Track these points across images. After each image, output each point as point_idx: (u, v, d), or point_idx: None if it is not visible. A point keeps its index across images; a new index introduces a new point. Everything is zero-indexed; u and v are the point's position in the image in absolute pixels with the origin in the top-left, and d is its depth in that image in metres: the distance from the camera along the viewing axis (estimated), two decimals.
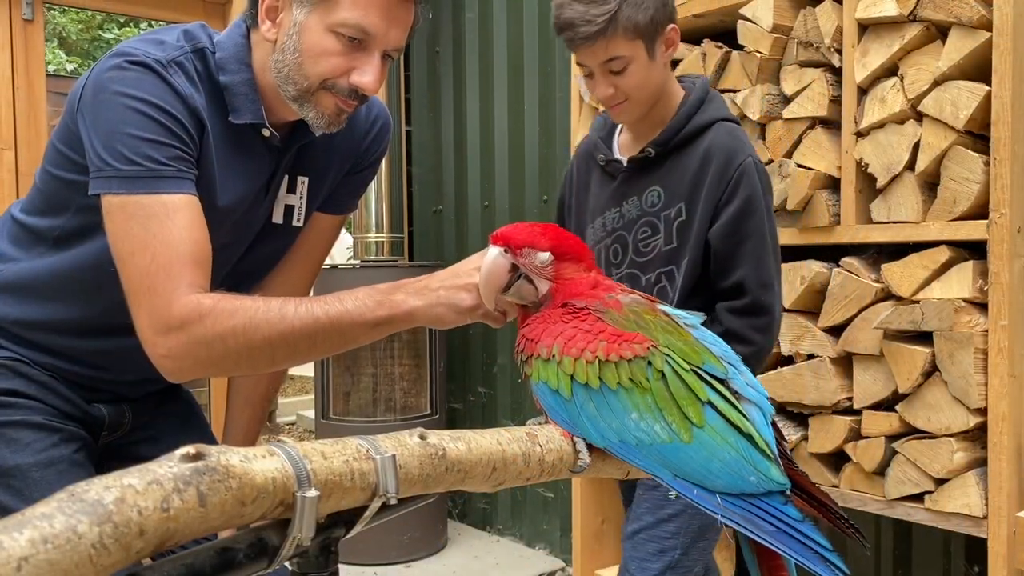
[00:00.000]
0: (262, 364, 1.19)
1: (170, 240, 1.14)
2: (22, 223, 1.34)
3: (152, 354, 1.17)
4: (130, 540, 0.56)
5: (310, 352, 1.20)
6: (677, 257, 1.67)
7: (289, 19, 1.24)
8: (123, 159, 1.15)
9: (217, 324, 1.13)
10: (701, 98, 1.71)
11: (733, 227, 1.62)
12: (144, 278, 1.14)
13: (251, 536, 0.68)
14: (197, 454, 0.62)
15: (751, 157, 1.65)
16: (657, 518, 1.73)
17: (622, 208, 1.73)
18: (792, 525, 0.93)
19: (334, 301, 1.16)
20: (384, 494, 0.75)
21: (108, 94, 1.18)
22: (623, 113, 1.68)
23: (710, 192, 1.64)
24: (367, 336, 1.20)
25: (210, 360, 1.16)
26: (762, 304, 1.63)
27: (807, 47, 2.16)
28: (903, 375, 2.01)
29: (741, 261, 1.62)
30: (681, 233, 1.67)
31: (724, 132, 1.69)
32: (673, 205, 1.68)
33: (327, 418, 3.62)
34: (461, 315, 1.16)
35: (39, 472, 1.27)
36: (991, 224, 1.88)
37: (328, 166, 1.44)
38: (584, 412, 0.99)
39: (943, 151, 1.95)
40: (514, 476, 0.92)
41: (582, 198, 1.83)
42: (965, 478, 1.95)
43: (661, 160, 1.70)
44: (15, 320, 1.33)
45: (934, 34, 1.98)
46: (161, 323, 1.14)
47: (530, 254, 1.08)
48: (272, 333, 1.14)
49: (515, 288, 1.10)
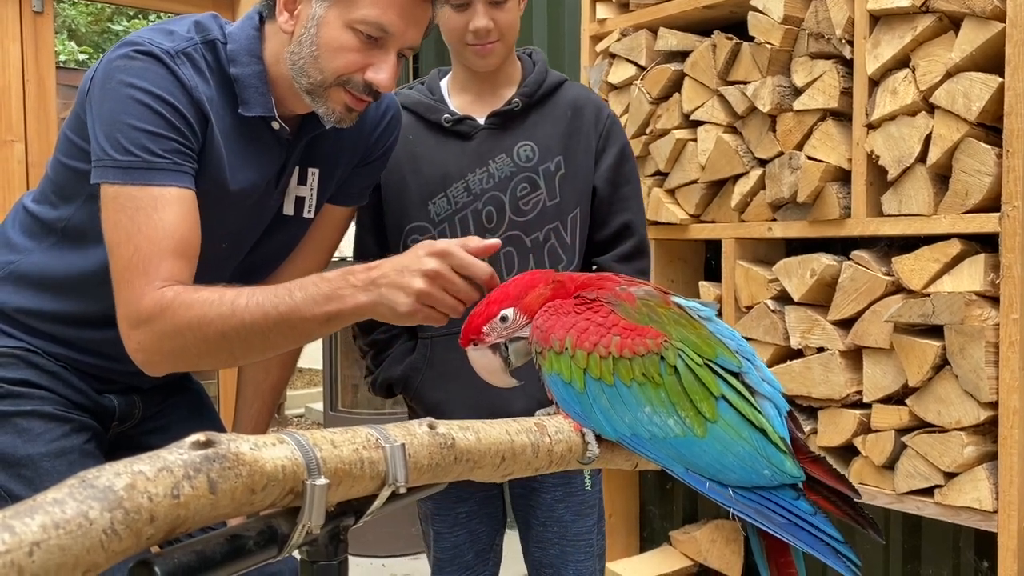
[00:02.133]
0: (222, 358, 1.19)
1: (154, 234, 1.15)
2: (33, 213, 1.35)
3: (127, 348, 1.18)
4: (141, 526, 0.56)
5: (265, 347, 1.19)
6: (563, 212, 1.63)
7: (308, 12, 1.24)
8: (121, 149, 1.16)
9: (175, 317, 1.13)
10: (545, 61, 1.73)
11: (614, 172, 1.66)
12: (124, 271, 1.16)
13: (261, 524, 0.68)
14: (207, 441, 0.62)
15: (610, 109, 1.74)
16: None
17: (489, 167, 1.63)
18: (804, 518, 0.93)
19: (284, 294, 1.15)
20: (393, 483, 0.75)
21: (114, 83, 1.18)
22: (492, 54, 1.59)
23: (586, 142, 1.65)
24: (320, 330, 1.18)
25: (174, 353, 1.16)
26: (645, 245, 1.69)
27: (818, 38, 2.15)
28: (913, 369, 2.00)
29: (626, 204, 1.67)
30: (563, 187, 1.63)
31: (579, 87, 1.74)
32: (550, 159, 1.63)
33: (336, 410, 3.63)
34: (399, 319, 1.15)
35: (50, 462, 1.28)
36: (1003, 217, 1.86)
37: (338, 158, 1.44)
38: (597, 405, 0.99)
39: (955, 143, 1.94)
40: (523, 466, 0.92)
41: (413, 168, 1.65)
42: (975, 472, 1.95)
43: (523, 115, 1.65)
44: (28, 310, 1.33)
45: (947, 25, 1.96)
46: (133, 316, 1.15)
47: (492, 328, 1.07)
48: (225, 327, 1.13)
49: (513, 355, 1.09)
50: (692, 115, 2.45)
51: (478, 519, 1.72)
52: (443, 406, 1.59)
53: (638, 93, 2.56)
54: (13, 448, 1.28)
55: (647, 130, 2.56)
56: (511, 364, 1.09)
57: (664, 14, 2.52)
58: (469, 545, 1.72)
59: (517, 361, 1.09)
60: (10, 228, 1.38)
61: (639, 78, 2.58)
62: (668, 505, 3.02)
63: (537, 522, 1.71)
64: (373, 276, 1.14)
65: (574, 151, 1.64)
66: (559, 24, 3.36)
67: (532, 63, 1.70)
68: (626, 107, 2.61)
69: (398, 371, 1.65)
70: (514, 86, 1.67)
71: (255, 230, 1.39)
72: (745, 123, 2.33)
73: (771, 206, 2.29)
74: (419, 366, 1.63)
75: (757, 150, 2.30)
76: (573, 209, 1.63)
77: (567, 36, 3.30)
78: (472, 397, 1.56)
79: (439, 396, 1.61)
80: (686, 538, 2.75)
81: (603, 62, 2.72)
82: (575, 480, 1.68)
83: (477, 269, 1.13)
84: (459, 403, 1.58)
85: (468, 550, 1.72)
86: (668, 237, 2.59)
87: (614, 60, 2.68)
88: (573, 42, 3.14)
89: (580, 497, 1.69)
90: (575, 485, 1.68)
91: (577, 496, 1.69)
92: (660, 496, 3.03)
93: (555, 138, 1.64)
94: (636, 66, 2.61)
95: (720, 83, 2.36)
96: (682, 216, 2.51)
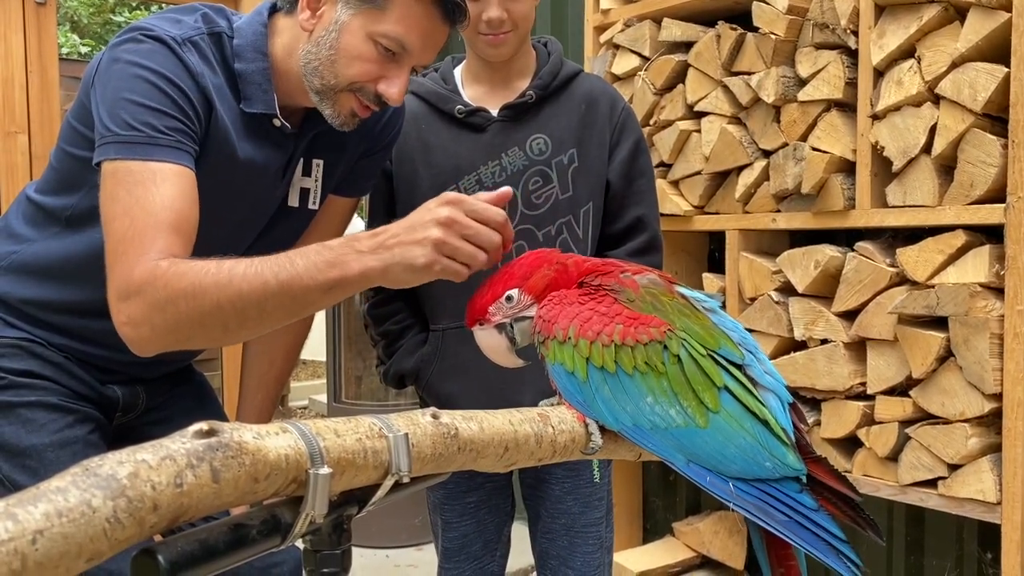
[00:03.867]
0: (215, 331, 1.12)
1: (151, 207, 1.11)
2: (37, 203, 1.35)
3: (116, 323, 1.12)
4: (144, 515, 0.56)
5: (262, 319, 1.12)
6: (575, 205, 1.62)
7: (331, 15, 1.24)
8: (123, 124, 1.15)
9: (168, 287, 1.07)
10: (561, 51, 1.71)
11: (628, 166, 1.65)
12: (119, 243, 1.11)
13: (264, 513, 0.68)
14: (210, 430, 0.62)
15: (625, 101, 1.71)
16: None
17: (502, 161, 1.61)
18: (805, 514, 0.93)
19: (285, 262, 1.10)
20: (397, 472, 0.75)
21: (120, 64, 1.18)
22: (505, 44, 1.57)
23: (600, 135, 1.63)
24: (322, 300, 1.13)
25: (166, 327, 1.10)
26: (658, 239, 1.68)
27: (823, 29, 2.14)
28: (917, 360, 2.00)
29: (639, 198, 1.66)
30: (576, 180, 1.62)
31: (595, 79, 1.71)
32: (564, 152, 1.62)
33: (339, 402, 3.64)
34: (417, 274, 1.09)
35: (54, 452, 1.28)
36: (1008, 208, 1.86)
37: (343, 149, 1.44)
38: (599, 395, 0.98)
39: (960, 134, 1.93)
40: (526, 456, 0.92)
41: (425, 159, 1.65)
42: (979, 464, 1.94)
43: (537, 108, 1.63)
44: (31, 301, 1.34)
45: (952, 15, 1.95)
46: (123, 288, 1.10)
47: (498, 308, 1.07)
48: (220, 297, 1.08)
49: (518, 334, 1.08)
50: (696, 106, 2.44)
51: (486, 509, 1.73)
52: (454, 399, 1.59)
53: (642, 84, 2.55)
54: (17, 438, 1.28)
55: (651, 121, 2.56)
56: (516, 344, 1.09)
57: (668, 4, 2.51)
58: (477, 535, 1.73)
59: (522, 341, 1.09)
60: (13, 219, 1.38)
61: (643, 69, 2.57)
62: (671, 496, 3.02)
63: (546, 513, 1.71)
64: (380, 240, 1.10)
65: (588, 144, 1.63)
66: (563, 14, 3.34)
67: (548, 53, 1.69)
68: (630, 98, 2.60)
69: (410, 363, 1.65)
70: (528, 77, 1.65)
71: (259, 220, 1.39)
72: (749, 114, 2.32)
73: (775, 197, 2.28)
74: (431, 358, 1.63)
75: (761, 141, 2.30)
76: (586, 203, 1.62)
77: (571, 26, 3.29)
78: (484, 390, 1.56)
79: (451, 388, 1.61)
80: (689, 529, 2.75)
81: (607, 53, 2.71)
82: (584, 472, 1.68)
83: (491, 213, 1.09)
84: (470, 396, 1.57)
85: (476, 540, 1.73)
86: (672, 229, 2.58)
87: (618, 51, 2.67)
88: (577, 32, 3.13)
89: (589, 489, 1.69)
90: (584, 477, 1.68)
91: (586, 488, 1.69)
92: (663, 487, 3.04)
93: (569, 131, 1.63)
94: (640, 57, 2.60)
95: (724, 74, 2.35)
96: (686, 207, 2.51)
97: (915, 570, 2.43)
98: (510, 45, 1.58)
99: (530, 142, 1.62)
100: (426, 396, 1.67)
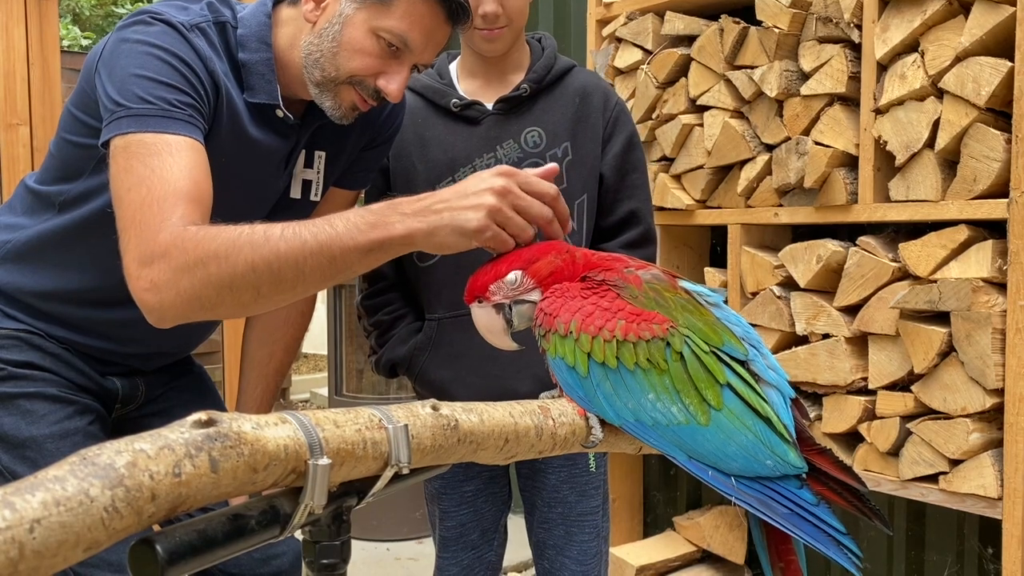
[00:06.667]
0: (246, 294, 1.08)
1: (169, 177, 1.09)
2: (34, 191, 1.35)
3: (135, 289, 1.08)
4: (142, 504, 0.56)
5: (297, 281, 1.08)
6: (570, 198, 1.62)
7: (336, 8, 1.24)
8: (136, 99, 1.14)
9: (200, 247, 1.04)
10: (555, 46, 1.72)
11: (621, 160, 1.66)
12: (136, 212, 1.08)
13: (263, 504, 0.68)
14: (209, 420, 0.62)
15: (619, 96, 1.73)
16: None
17: (497, 153, 1.62)
18: (806, 508, 0.93)
19: (324, 224, 1.07)
20: (396, 463, 0.75)
21: (129, 43, 1.18)
22: (500, 39, 1.58)
23: (594, 129, 1.65)
24: (360, 263, 1.10)
25: (192, 292, 1.05)
26: (652, 233, 1.69)
27: (826, 22, 2.13)
28: (919, 355, 1.99)
29: (632, 192, 1.67)
30: (570, 173, 1.63)
31: (588, 74, 1.73)
32: (558, 145, 1.63)
33: (340, 395, 3.64)
34: (466, 237, 1.06)
35: (54, 443, 1.28)
36: (1011, 203, 1.85)
37: (345, 141, 1.45)
38: (600, 390, 0.98)
39: (964, 128, 1.92)
40: (527, 449, 0.91)
41: (421, 153, 1.65)
42: (980, 459, 1.94)
43: (531, 101, 1.65)
44: (30, 291, 1.34)
45: (956, 9, 1.95)
46: (146, 252, 1.06)
47: (499, 288, 1.06)
48: (255, 257, 1.04)
49: (516, 317, 1.07)
50: (699, 100, 2.43)
51: (484, 498, 1.73)
52: (447, 385, 1.59)
53: (644, 78, 2.55)
54: (17, 429, 1.28)
55: (653, 115, 2.55)
56: (513, 326, 1.08)
57: None
58: (475, 524, 1.73)
59: (519, 324, 1.08)
60: (9, 209, 1.39)
61: (646, 62, 2.56)
62: (672, 490, 3.02)
63: (542, 502, 1.71)
64: (426, 203, 1.07)
65: (582, 137, 1.64)
66: (565, 8, 3.34)
67: (541, 48, 1.70)
68: (632, 92, 2.60)
69: (402, 351, 1.65)
70: (523, 71, 1.66)
71: (260, 210, 1.38)
72: (752, 108, 2.32)
73: (778, 192, 2.28)
74: (424, 347, 1.64)
75: (764, 135, 2.29)
76: (580, 195, 1.63)
77: (573, 20, 3.28)
78: (477, 377, 1.56)
79: (443, 375, 1.61)
80: (690, 523, 2.75)
81: (609, 46, 2.70)
82: (579, 461, 1.68)
83: (544, 187, 1.09)
84: (463, 383, 1.58)
85: (474, 529, 1.73)
86: (674, 223, 2.58)
87: (620, 44, 2.66)
88: (579, 26, 3.12)
89: (584, 478, 1.69)
90: (579, 466, 1.68)
91: (581, 477, 1.69)
92: (664, 481, 3.04)
93: (563, 124, 1.64)
94: (643, 50, 2.59)
95: (727, 68, 2.35)
96: (688, 201, 2.50)
97: (916, 565, 2.43)
98: (505, 40, 1.60)
99: (525, 135, 1.63)
100: (418, 385, 1.67)
